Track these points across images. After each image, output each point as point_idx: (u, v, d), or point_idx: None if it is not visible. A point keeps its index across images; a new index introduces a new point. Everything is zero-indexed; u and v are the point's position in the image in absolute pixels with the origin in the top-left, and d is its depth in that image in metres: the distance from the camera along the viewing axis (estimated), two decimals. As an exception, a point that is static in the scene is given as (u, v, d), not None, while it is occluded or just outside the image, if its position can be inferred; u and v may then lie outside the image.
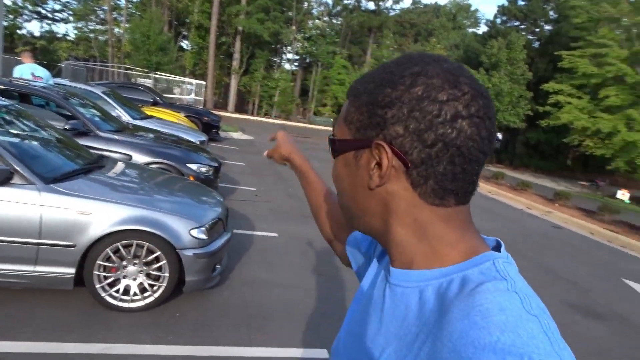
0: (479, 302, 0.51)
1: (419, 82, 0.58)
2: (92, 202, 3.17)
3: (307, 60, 39.03)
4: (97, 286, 3.26)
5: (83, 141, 5.45)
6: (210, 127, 13.87)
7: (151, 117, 8.97)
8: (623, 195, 18.27)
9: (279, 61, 39.78)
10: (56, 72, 25.10)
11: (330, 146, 0.68)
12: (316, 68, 37.08)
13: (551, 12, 36.96)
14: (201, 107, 21.72)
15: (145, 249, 3.29)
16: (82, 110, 5.73)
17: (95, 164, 3.85)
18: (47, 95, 5.54)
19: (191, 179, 5.85)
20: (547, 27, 37.76)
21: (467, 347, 0.48)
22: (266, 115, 35.78)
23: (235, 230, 5.62)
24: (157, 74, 23.83)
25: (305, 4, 34.80)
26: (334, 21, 39.36)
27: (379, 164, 0.60)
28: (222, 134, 15.73)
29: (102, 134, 5.62)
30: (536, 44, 36.58)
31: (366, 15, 37.31)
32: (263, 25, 31.17)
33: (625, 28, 25.13)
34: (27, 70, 7.34)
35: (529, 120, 30.74)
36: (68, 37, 36.42)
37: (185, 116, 12.60)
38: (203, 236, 3.47)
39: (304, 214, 7.15)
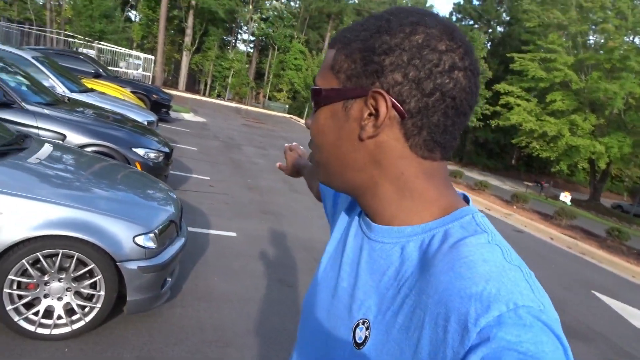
0: (463, 255, 0.53)
1: (419, 30, 0.57)
2: (1, 198, 2.39)
3: (263, 43, 37.78)
4: (8, 308, 2.48)
5: (4, 114, 4.51)
6: (159, 106, 12.74)
7: (92, 90, 7.92)
8: (565, 197, 18.88)
9: (234, 41, 38.28)
10: (-16, 34, 22.58)
11: (314, 97, 0.63)
12: (273, 51, 35.98)
13: (504, 14, 37.88)
14: (150, 83, 20.23)
15: (74, 260, 2.55)
16: (3, 76, 4.74)
17: (13, 146, 3.02)
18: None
19: (137, 166, 5.04)
20: (500, 28, 38.73)
21: (454, 298, 0.49)
22: (219, 96, 34.33)
23: (188, 228, 4.91)
24: (101, 44, 21.94)
25: (265, -17, 33.54)
26: (292, 4, 38.27)
27: (374, 114, 0.58)
28: (172, 114, 14.60)
29: (29, 107, 4.67)
30: (489, 45, 37.42)
31: (325, 1, 36.52)
32: (218, 1, 29.67)
33: (572, 36, 26.04)
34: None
35: (482, 120, 31.42)
36: (0, -4, 33.00)
37: (132, 92, 11.44)
38: (151, 244, 2.76)
39: (265, 210, 6.49)
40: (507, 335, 0.45)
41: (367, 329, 0.60)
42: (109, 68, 16.02)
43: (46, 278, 2.55)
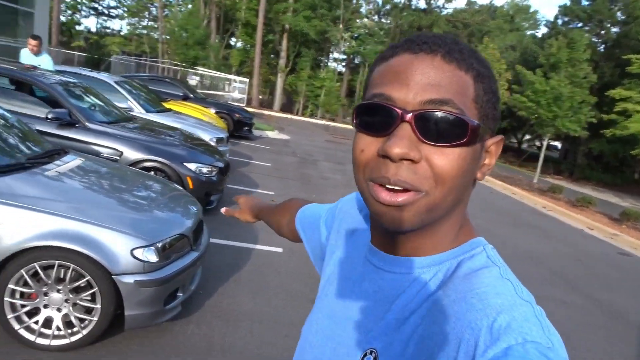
0: (475, 286, 0.54)
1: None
2: (2, 209, 2.46)
3: (355, 60, 38.06)
4: (9, 316, 2.54)
5: (68, 133, 4.87)
6: (242, 125, 13.30)
7: (169, 110, 8.40)
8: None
9: (325, 60, 39.10)
10: (105, 67, 25.58)
11: (468, 131, 0.55)
12: (363, 68, 36.06)
13: (619, 13, 34.15)
14: (246, 105, 21.29)
15: (70, 271, 2.54)
16: (72, 98, 5.14)
17: (41, 160, 3.16)
18: (32, 81, 4.98)
19: (188, 181, 5.14)
20: (614, 29, 34.94)
21: (465, 329, 0.51)
22: (312, 115, 35.15)
23: (232, 243, 4.86)
24: (202, 71, 23.68)
25: (354, 2, 33.86)
26: (383, 20, 38.14)
27: (493, 157, 0.62)
28: (256, 132, 15.12)
29: (91, 126, 5.00)
30: (601, 48, 33.89)
31: (416, 14, 35.83)
32: (310, 23, 30.51)
33: None
34: (29, 56, 6.90)
35: (591, 129, 28.34)
36: (121, 33, 37.34)
37: (216, 112, 12.06)
38: (152, 258, 2.69)
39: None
40: None
41: (374, 358, 0.60)
42: (209, 92, 17.10)
43: (45, 289, 2.57)
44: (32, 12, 14.57)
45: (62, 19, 31.19)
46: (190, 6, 30.15)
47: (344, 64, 39.09)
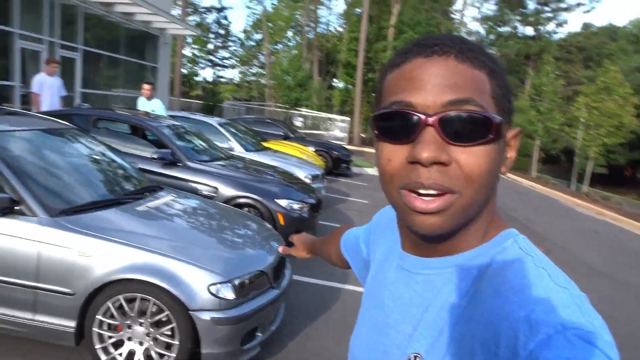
0: (509, 279, 0.54)
1: None
2: (94, 242, 2.58)
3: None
4: (97, 347, 2.62)
5: (170, 171, 5.19)
6: (340, 162, 13.41)
7: (267, 149, 8.71)
8: None
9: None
10: (218, 112, 27.80)
11: (492, 128, 0.55)
12: (467, 101, 34.87)
13: None
14: (347, 143, 21.66)
15: (151, 305, 2.57)
16: (176, 140, 5.51)
17: (136, 195, 3.34)
18: (140, 124, 5.44)
19: (279, 217, 5.16)
20: None
21: (502, 322, 0.50)
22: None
23: (319, 281, 4.71)
24: (305, 111, 24.66)
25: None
26: (487, 51, 36.83)
27: (513, 151, 0.62)
28: (355, 169, 15.14)
29: (191, 164, 5.29)
30: None
31: (523, 42, 34.06)
32: (410, 60, 30.49)
33: None
34: (144, 102, 7.61)
35: None
36: (233, 81, 40.59)
37: (315, 150, 12.31)
38: (228, 294, 2.63)
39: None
40: (555, 357, 0.45)
41: None
42: (312, 132, 17.66)
43: (128, 321, 2.62)
44: (156, 67, 16.41)
45: (184, 71, 34.86)
46: (294, 52, 31.95)
47: (445, 97, 38.18)
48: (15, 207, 2.60)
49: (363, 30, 28.58)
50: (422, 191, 0.55)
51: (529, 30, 35.27)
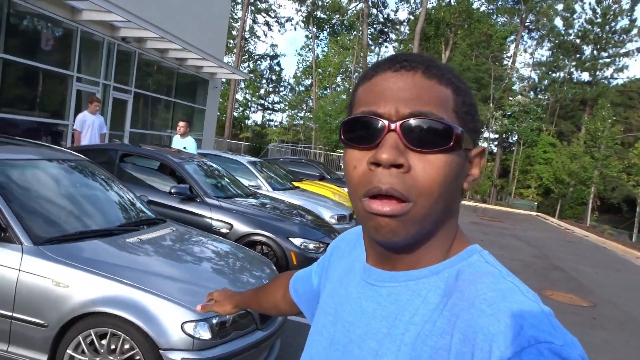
0: (481, 292, 0.54)
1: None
2: (72, 272, 2.53)
3: (509, 140, 36.04)
4: (66, 383, 2.52)
5: (187, 207, 5.21)
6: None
7: (296, 188, 8.66)
8: None
9: (475, 140, 37.75)
10: (263, 154, 28.47)
11: (450, 137, 0.57)
12: (518, 147, 33.81)
13: None
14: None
15: (121, 341, 2.45)
16: (197, 176, 5.56)
17: (130, 227, 3.31)
18: (162, 159, 5.55)
19: (292, 256, 5.01)
20: None
21: (477, 335, 0.50)
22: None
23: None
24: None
25: (505, 81, 32.67)
26: (540, 96, 35.85)
27: (477, 168, 0.64)
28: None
29: (208, 200, 5.29)
30: None
31: (579, 87, 32.93)
32: (457, 104, 30.20)
33: None
34: (178, 140, 7.82)
35: None
36: (282, 124, 41.70)
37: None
38: (204, 334, 2.47)
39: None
40: None
41: None
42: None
43: (98, 358, 2.51)
44: (204, 109, 17.12)
45: (235, 114, 36.27)
46: (343, 97, 32.51)
47: (495, 143, 37.25)
48: (2, 234, 2.62)
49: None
50: (381, 195, 0.57)
51: (585, 76, 34.19)
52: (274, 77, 40.10)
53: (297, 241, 5.10)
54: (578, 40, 31.79)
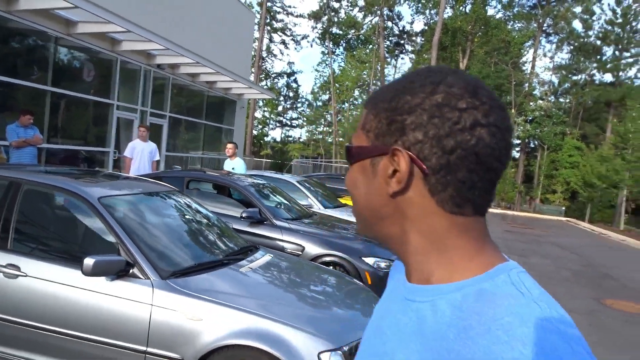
0: (499, 316, 0.52)
1: (439, 89, 0.59)
2: (205, 305, 2.56)
3: (531, 145, 35.65)
4: (203, 418, 2.52)
5: (259, 230, 5.24)
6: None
7: (345, 205, 8.66)
8: None
9: (497, 147, 37.44)
10: (287, 170, 28.61)
11: (347, 153, 0.68)
12: (542, 151, 33.42)
13: None
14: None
15: (257, 374, 2.46)
16: (261, 199, 5.60)
17: (237, 256, 3.34)
18: (229, 184, 5.60)
19: (367, 276, 4.98)
20: None
21: None
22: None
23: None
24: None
25: (526, 86, 32.47)
26: (561, 100, 35.50)
27: (397, 171, 0.61)
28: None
29: (277, 223, 5.32)
30: None
31: (602, 89, 32.54)
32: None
33: None
34: (227, 161, 7.90)
35: None
36: (301, 140, 41.91)
37: (388, 205, 12.12)
38: (338, 364, 2.47)
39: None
40: None
41: None
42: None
43: (235, 391, 2.52)
44: (232, 129, 17.31)
45: (254, 132, 36.59)
46: (361, 109, 32.64)
47: (518, 148, 36.90)
48: (129, 270, 2.67)
49: (430, 86, 28.77)
50: None
51: (608, 77, 33.79)
52: (291, 94, 40.50)
53: (370, 260, 5.07)
54: (598, 42, 31.53)
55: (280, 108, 40.89)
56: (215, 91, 15.21)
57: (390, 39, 37.38)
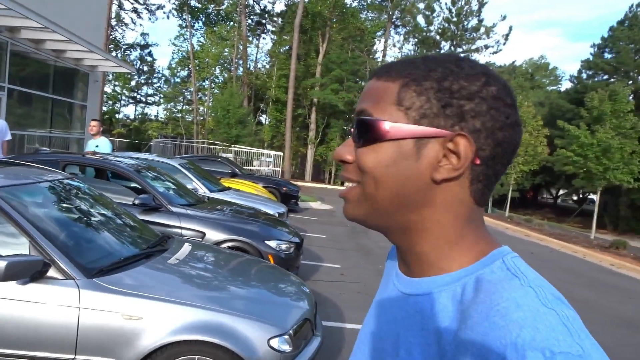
0: (496, 302, 0.52)
1: (492, 82, 0.59)
2: (143, 302, 2.38)
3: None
4: (147, 420, 2.38)
5: (154, 217, 4.90)
6: (289, 198, 13.34)
7: (229, 188, 8.51)
8: None
9: (353, 130, 39.90)
10: (146, 150, 26.72)
11: (372, 129, 0.60)
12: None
13: (645, 63, 34.26)
14: (279, 177, 21.70)
15: (209, 367, 2.39)
16: (154, 183, 5.24)
17: (157, 247, 3.13)
18: (117, 169, 5.12)
19: (270, 259, 5.04)
20: (643, 78, 34.91)
21: (491, 349, 0.49)
22: (343, 183, 35.35)
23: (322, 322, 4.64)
24: (237, 147, 24.48)
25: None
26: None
27: (456, 156, 0.57)
28: (300, 204, 15.16)
29: (173, 209, 5.04)
30: (630, 97, 33.75)
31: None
32: (337, 96, 31.59)
33: None
34: (93, 144, 7.19)
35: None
36: (159, 119, 39.33)
37: (264, 187, 12.18)
38: (286, 347, 2.53)
39: (399, 298, 5.99)
40: None
41: None
42: (245, 167, 17.56)
43: (183, 387, 2.41)
44: (85, 105, 15.53)
45: (104, 108, 33.21)
46: (233, 89, 31.86)
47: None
48: (46, 271, 2.34)
49: (292, 69, 29.27)
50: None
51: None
52: (146, 68, 37.51)
53: (273, 244, 5.13)
54: (438, 37, 35.29)
55: (133, 83, 37.67)
56: (64, 61, 13.41)
57: (252, 17, 36.89)
